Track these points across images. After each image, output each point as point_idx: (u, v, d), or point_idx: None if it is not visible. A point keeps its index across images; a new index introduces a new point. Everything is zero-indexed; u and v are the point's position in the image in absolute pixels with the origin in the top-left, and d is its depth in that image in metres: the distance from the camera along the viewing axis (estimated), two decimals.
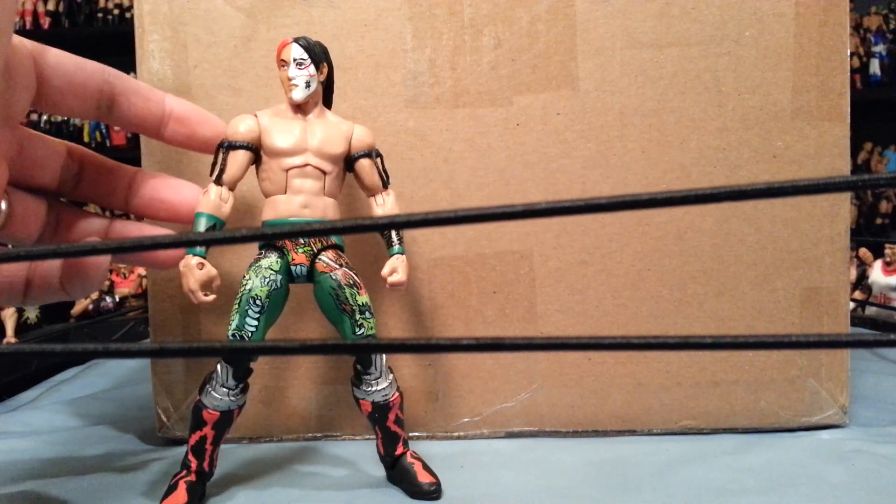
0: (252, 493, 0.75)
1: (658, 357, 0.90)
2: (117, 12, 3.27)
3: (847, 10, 0.87)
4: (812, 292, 0.89)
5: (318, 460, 0.85)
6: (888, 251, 1.66)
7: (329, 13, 0.88)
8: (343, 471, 0.81)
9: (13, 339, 1.30)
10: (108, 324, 1.64)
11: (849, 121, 0.88)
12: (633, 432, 0.91)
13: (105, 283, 1.77)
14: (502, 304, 0.90)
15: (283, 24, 0.87)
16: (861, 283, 1.73)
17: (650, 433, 0.91)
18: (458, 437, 0.92)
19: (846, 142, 0.88)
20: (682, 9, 0.87)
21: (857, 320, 1.60)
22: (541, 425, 0.91)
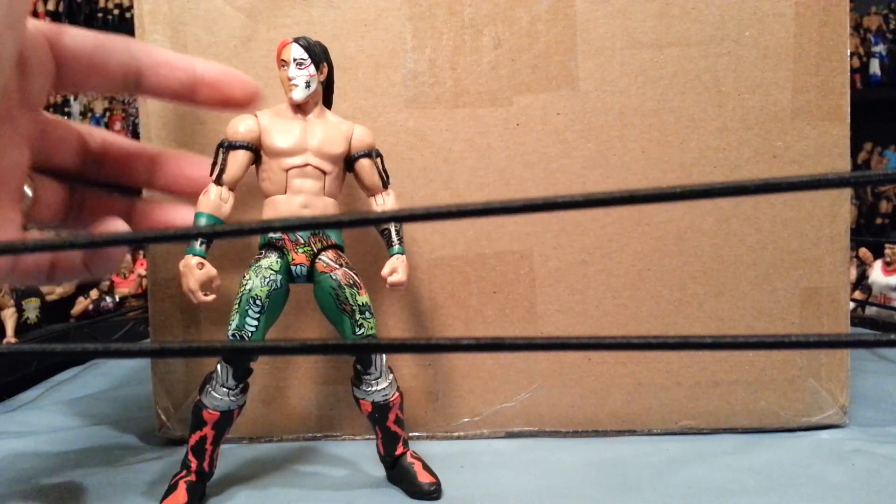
0: (252, 493, 0.75)
1: (658, 357, 0.90)
2: (117, 12, 3.27)
3: (847, 10, 0.87)
4: (812, 292, 0.89)
5: (318, 460, 0.85)
6: (888, 251, 1.65)
7: (329, 13, 0.88)
8: (343, 471, 0.81)
9: (13, 339, 1.30)
10: (108, 324, 1.64)
11: (849, 121, 0.88)
12: (633, 432, 0.91)
13: (105, 284, 1.77)
14: (502, 304, 0.90)
15: (283, 24, 0.87)
16: (861, 283, 1.73)
17: (650, 433, 0.91)
18: (458, 438, 0.91)
19: (846, 141, 0.88)
20: (682, 9, 0.87)
21: (857, 320, 1.59)
22: (541, 425, 0.91)
